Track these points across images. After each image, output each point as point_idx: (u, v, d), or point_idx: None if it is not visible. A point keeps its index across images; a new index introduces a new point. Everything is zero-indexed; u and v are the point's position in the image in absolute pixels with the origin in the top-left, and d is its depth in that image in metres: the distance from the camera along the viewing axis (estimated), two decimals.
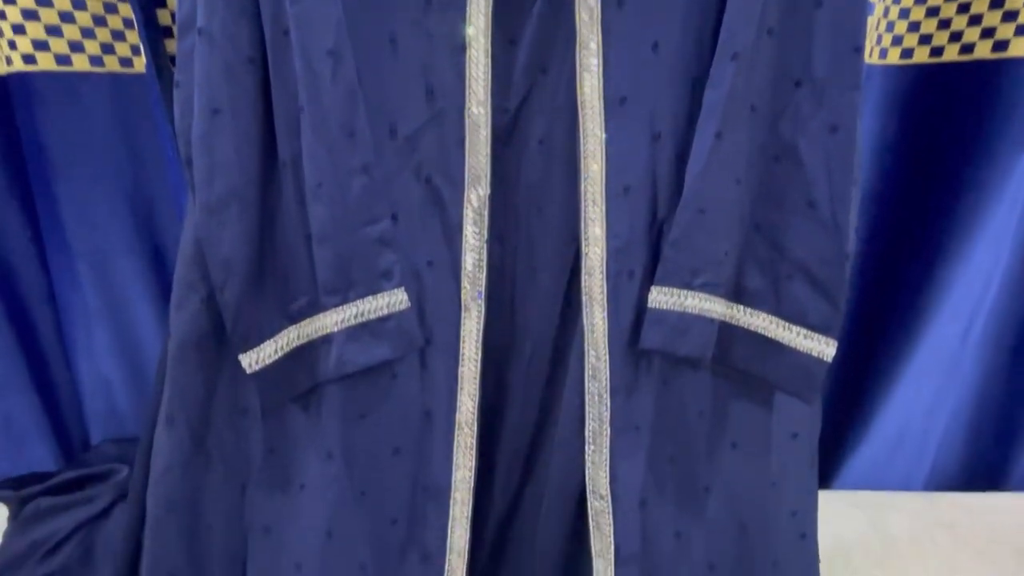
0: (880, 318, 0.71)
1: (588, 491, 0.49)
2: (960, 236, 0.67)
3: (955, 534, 0.66)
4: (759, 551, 0.50)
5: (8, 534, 0.62)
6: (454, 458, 0.50)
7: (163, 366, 0.50)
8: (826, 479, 0.74)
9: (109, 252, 0.69)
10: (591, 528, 0.49)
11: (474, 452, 0.50)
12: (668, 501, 0.50)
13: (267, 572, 0.50)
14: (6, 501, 0.65)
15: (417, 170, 0.47)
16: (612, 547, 0.50)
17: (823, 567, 0.56)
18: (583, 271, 0.48)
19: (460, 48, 0.45)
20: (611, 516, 0.50)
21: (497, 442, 0.52)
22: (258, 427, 0.50)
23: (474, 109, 0.46)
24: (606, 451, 0.49)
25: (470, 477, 0.50)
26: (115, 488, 0.65)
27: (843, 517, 0.66)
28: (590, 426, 0.49)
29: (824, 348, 0.46)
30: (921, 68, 0.66)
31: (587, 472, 0.49)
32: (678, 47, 0.45)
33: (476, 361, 0.49)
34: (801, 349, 0.46)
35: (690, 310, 0.46)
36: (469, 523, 0.51)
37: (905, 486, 0.78)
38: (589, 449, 0.49)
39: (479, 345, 0.49)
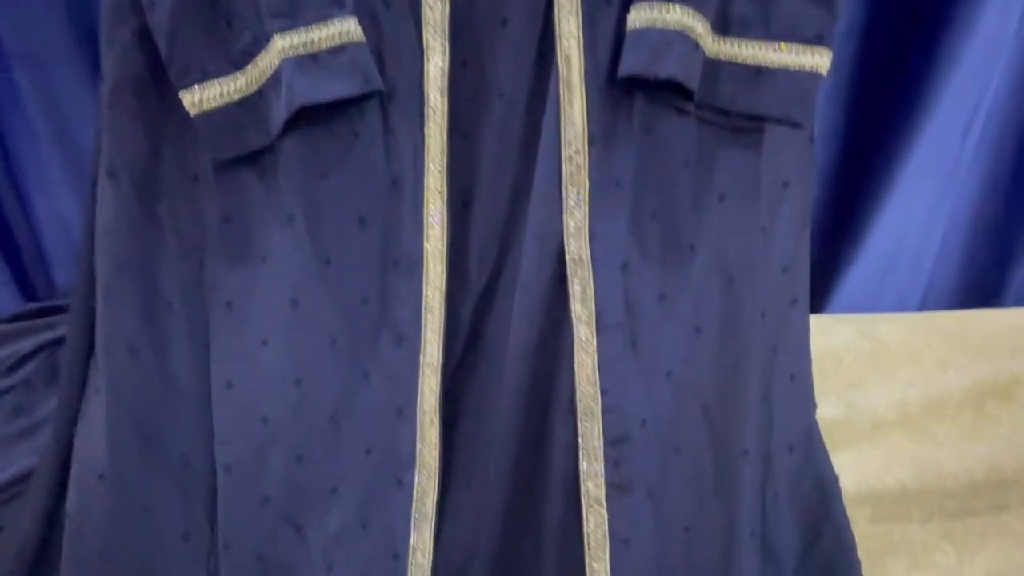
0: (876, 115, 0.67)
1: (567, 254, 0.47)
2: (957, 32, 0.62)
3: (948, 338, 0.65)
4: (747, 305, 0.47)
5: None
6: (424, 227, 0.47)
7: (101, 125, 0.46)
8: (816, 304, 0.71)
9: (51, 61, 0.64)
10: (571, 293, 0.47)
11: (445, 219, 0.47)
12: (651, 263, 0.47)
13: (231, 349, 0.48)
14: None
15: None
16: (594, 314, 0.48)
17: (813, 371, 0.55)
18: (556, 7, 0.44)
19: None
20: (592, 281, 0.47)
21: (470, 210, 0.49)
22: (212, 195, 0.47)
23: None
24: (585, 208, 0.46)
25: (443, 247, 0.47)
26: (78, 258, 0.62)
27: (833, 330, 0.64)
28: (567, 181, 0.46)
29: (819, 60, 0.43)
30: None
31: (566, 231, 0.46)
32: None
33: (442, 114, 0.46)
34: (793, 67, 0.43)
35: (672, 26, 0.42)
36: (444, 298, 0.49)
37: (899, 309, 0.77)
38: (567, 206, 0.46)
39: (444, 94, 0.46)
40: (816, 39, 0.43)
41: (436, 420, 0.49)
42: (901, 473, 0.52)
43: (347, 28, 0.42)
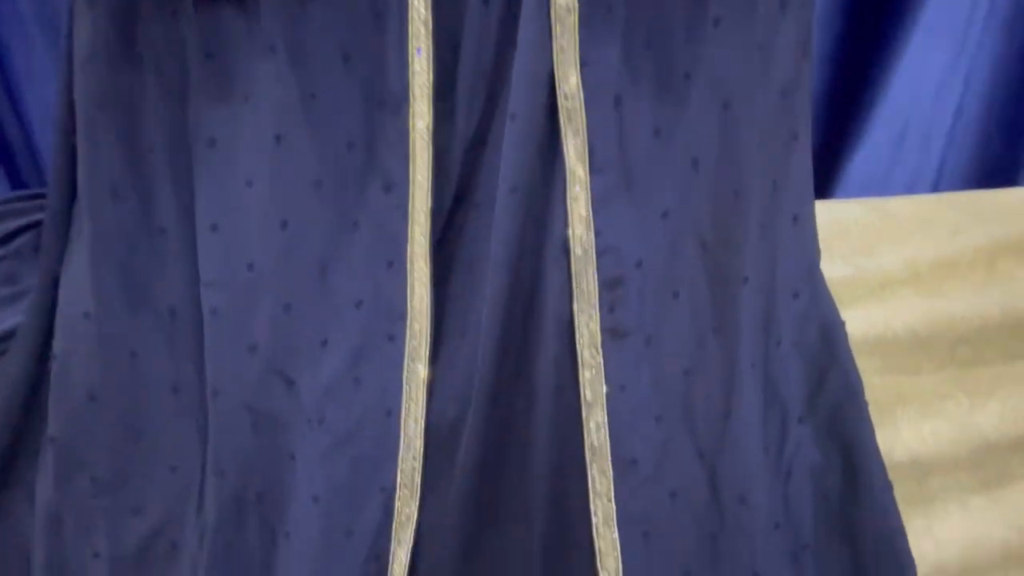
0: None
1: (557, 85, 0.45)
2: None
3: (961, 208, 0.62)
4: (744, 129, 0.45)
5: None
6: (410, 62, 0.46)
7: None
8: (821, 190, 0.69)
9: None
10: (563, 127, 0.45)
11: (430, 53, 0.45)
12: (645, 95, 0.45)
13: (216, 191, 0.47)
14: None
15: None
16: (587, 150, 0.46)
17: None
18: None
19: None
20: (583, 114, 0.45)
21: (458, 45, 0.47)
22: (193, 31, 0.45)
23: None
24: (574, 34, 0.44)
25: (428, 84, 0.45)
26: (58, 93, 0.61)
27: (839, 208, 0.62)
28: (556, 9, 0.43)
29: None
30: None
31: (556, 60, 0.44)
32: None
33: None
34: None
35: None
36: (431, 138, 0.46)
37: (910, 192, 0.74)
38: (556, 32, 0.44)
39: None
40: None
41: (427, 271, 0.48)
42: (912, 321, 0.50)
43: None
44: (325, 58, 0.46)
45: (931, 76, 0.68)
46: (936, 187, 0.74)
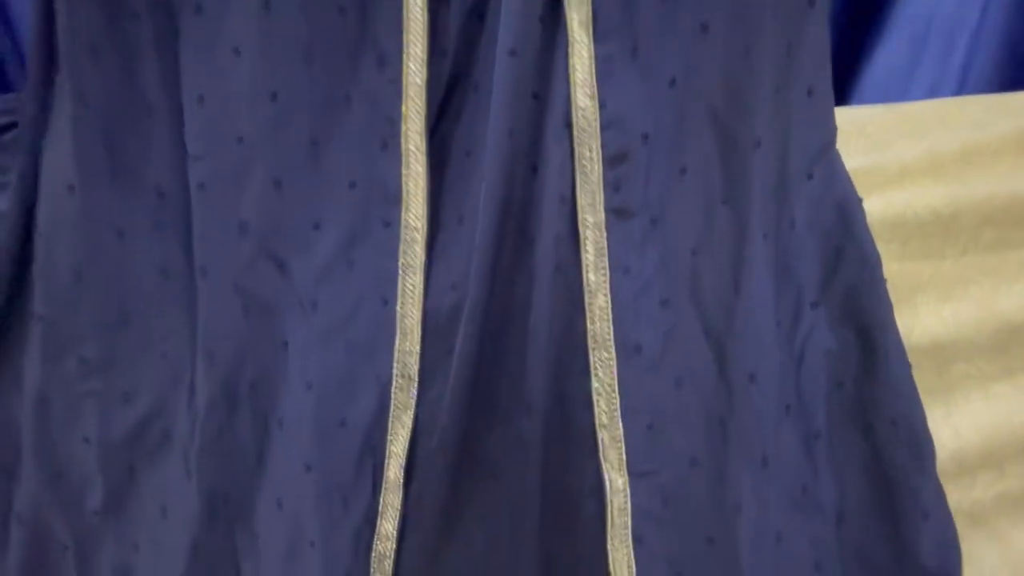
0: None
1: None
2: None
3: (988, 106, 0.59)
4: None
5: None
6: None
7: None
8: (835, 95, 0.66)
9: None
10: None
11: None
12: None
13: (202, 59, 0.44)
14: None
15: None
16: (590, 15, 0.43)
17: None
18: None
19: None
20: None
21: None
22: None
23: None
24: None
25: None
26: None
27: (854, 110, 0.59)
28: None
29: None
30: None
31: None
32: None
33: None
34: None
35: None
36: (426, 7, 0.44)
37: (931, 96, 0.71)
38: None
39: None
40: None
41: (422, 151, 0.46)
42: (934, 202, 0.47)
43: None
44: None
45: None
46: (959, 92, 0.71)
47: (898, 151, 0.52)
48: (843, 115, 0.55)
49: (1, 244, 0.44)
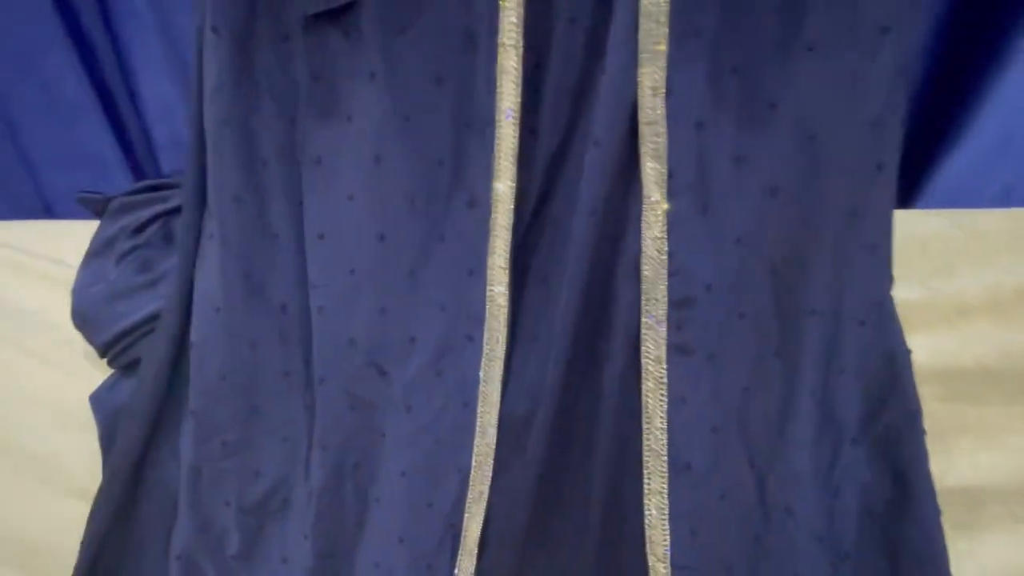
0: None
1: (640, 109, 0.46)
2: None
3: None
4: (829, 162, 0.45)
5: (100, 225, 0.69)
6: (498, 84, 0.48)
7: None
8: (902, 199, 0.64)
9: None
10: (642, 151, 0.47)
11: (519, 76, 0.48)
12: (729, 120, 0.46)
13: (322, 203, 0.52)
14: (93, 201, 0.72)
15: None
16: (665, 175, 0.48)
17: (893, 258, 0.52)
18: None
19: None
20: (665, 139, 0.47)
21: (544, 66, 0.49)
22: (301, 53, 0.50)
23: None
24: (662, 61, 0.45)
25: (516, 105, 0.48)
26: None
27: (919, 221, 0.60)
28: (645, 32, 0.45)
29: None
30: None
31: (640, 87, 0.46)
32: None
33: None
34: None
35: None
36: (515, 158, 0.50)
37: (1003, 203, 0.70)
38: (643, 57, 0.45)
39: None
40: None
41: (505, 280, 0.52)
42: (983, 354, 0.49)
43: None
44: (419, 81, 0.49)
45: None
46: None
47: (958, 282, 0.53)
48: (908, 224, 0.57)
49: (165, 357, 0.55)
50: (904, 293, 0.52)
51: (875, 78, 0.45)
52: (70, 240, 0.72)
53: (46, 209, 0.84)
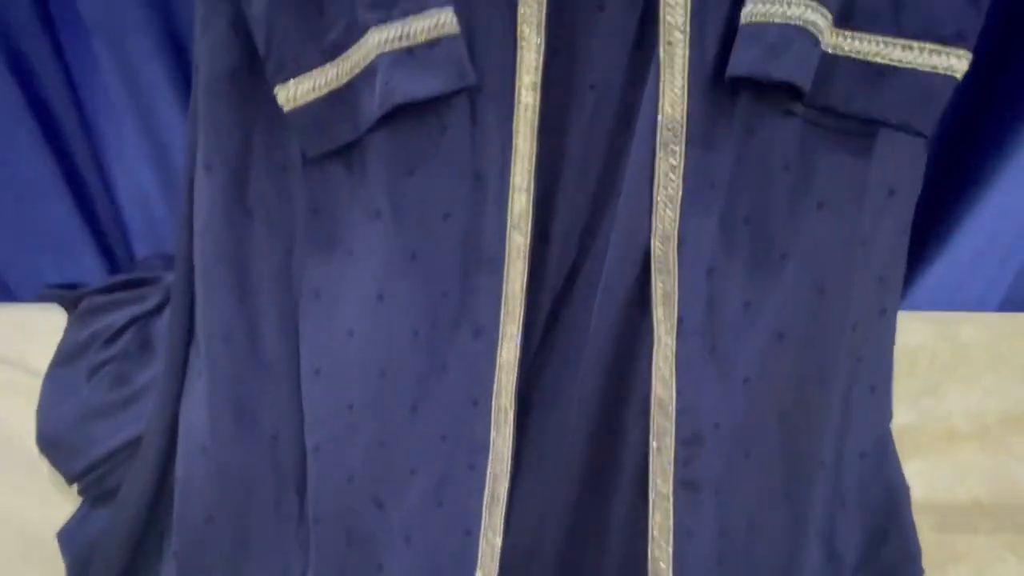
0: (982, 105, 0.62)
1: (653, 256, 0.46)
2: None
3: None
4: (837, 316, 0.46)
5: (68, 326, 0.64)
6: (508, 225, 0.47)
7: (195, 108, 0.46)
8: None
9: (127, 30, 0.63)
10: (654, 296, 0.47)
11: (530, 218, 0.47)
12: (739, 268, 0.47)
13: (320, 338, 0.50)
14: (61, 300, 0.67)
15: None
16: (675, 318, 0.48)
17: None
18: None
19: None
20: (676, 285, 0.47)
21: (555, 203, 0.49)
22: (300, 185, 0.48)
23: None
24: (676, 211, 0.45)
25: (526, 245, 0.47)
26: (164, 290, 0.66)
27: (910, 329, 0.62)
28: (660, 182, 0.45)
29: (954, 63, 0.39)
30: None
31: (653, 233, 0.46)
32: None
33: (534, 111, 0.44)
34: (923, 68, 0.40)
35: (793, 20, 0.39)
36: (524, 295, 0.49)
37: (978, 307, 0.73)
38: (657, 209, 0.45)
39: (538, 91, 0.44)
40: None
41: (511, 412, 0.51)
42: (974, 486, 0.51)
43: (444, 19, 0.41)
44: (426, 218, 0.47)
45: (1019, 205, 0.65)
46: (1006, 301, 0.73)
47: (947, 405, 0.55)
48: (898, 338, 0.58)
49: (145, 489, 0.51)
50: (898, 416, 0.54)
51: (882, 237, 0.46)
52: (32, 332, 0.66)
53: (4, 290, 0.79)
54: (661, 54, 0.43)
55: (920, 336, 0.65)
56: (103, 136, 0.71)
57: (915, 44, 0.40)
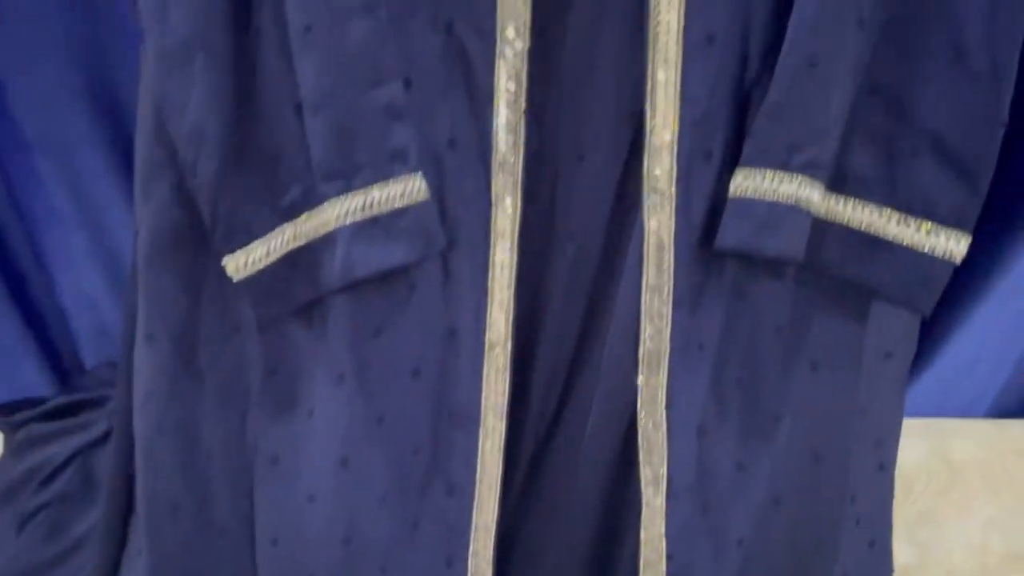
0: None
1: (639, 416, 0.43)
2: None
3: None
4: (834, 483, 0.44)
5: (2, 460, 0.59)
6: (484, 383, 0.43)
7: (135, 272, 0.42)
8: None
9: (73, 144, 0.60)
10: (641, 457, 0.43)
11: (507, 374, 0.43)
12: (731, 430, 0.43)
13: (277, 504, 0.45)
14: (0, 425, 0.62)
15: (434, 15, 0.37)
16: (664, 478, 0.45)
17: None
18: (647, 152, 0.38)
19: None
20: (665, 446, 0.43)
21: (533, 359, 0.45)
22: (255, 346, 0.43)
23: None
24: (664, 374, 0.42)
25: (503, 403, 0.43)
26: (111, 414, 0.61)
27: (902, 445, 0.61)
28: (646, 345, 0.41)
29: (954, 246, 0.37)
30: None
31: (639, 395, 0.42)
32: None
33: (511, 268, 0.41)
34: (920, 248, 0.37)
35: (784, 199, 0.36)
36: (502, 452, 0.45)
37: (967, 413, 0.72)
38: (643, 371, 0.42)
39: (514, 248, 0.41)
40: (952, 219, 0.36)
41: (489, 572, 0.47)
42: None
43: (412, 187, 0.38)
44: (394, 378, 0.43)
45: (1006, 320, 0.65)
46: (994, 405, 0.71)
47: (947, 541, 0.53)
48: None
49: None
50: (897, 554, 0.51)
51: (879, 402, 0.44)
52: None
53: None
54: (645, 212, 0.40)
55: (914, 454, 0.63)
56: (48, 242, 0.66)
57: (911, 220, 0.38)
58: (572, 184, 0.42)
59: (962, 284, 0.67)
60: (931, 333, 0.68)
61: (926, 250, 0.37)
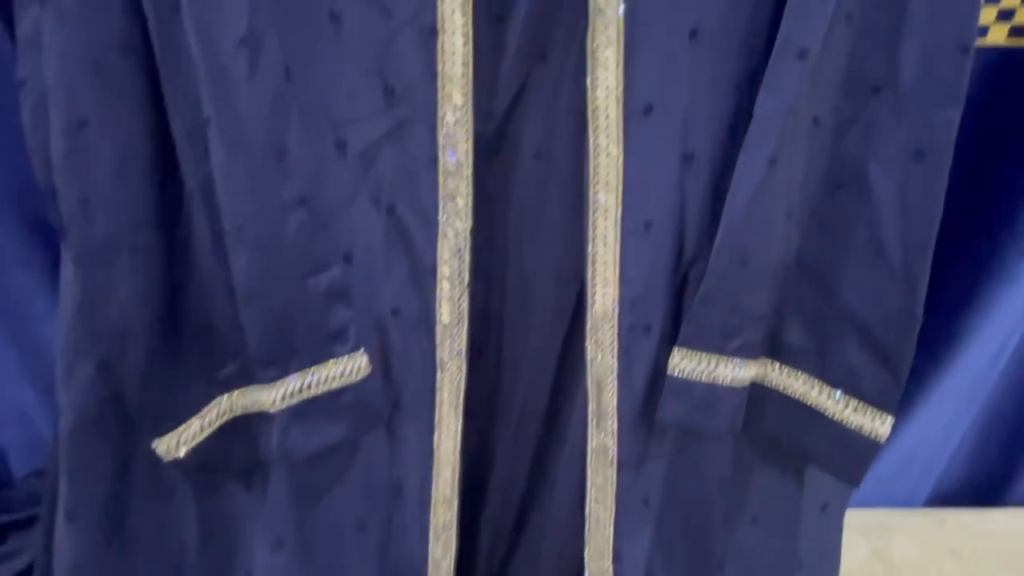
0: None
1: (587, 571, 0.44)
2: (1009, 247, 0.59)
3: (962, 560, 0.64)
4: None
5: None
6: (431, 540, 0.42)
7: (55, 452, 0.39)
8: None
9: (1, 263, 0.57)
10: None
11: (455, 531, 0.43)
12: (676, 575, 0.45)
13: None
14: None
15: (376, 196, 0.36)
16: None
17: None
18: (589, 323, 0.39)
19: (430, 31, 0.34)
20: None
21: (479, 515, 0.45)
22: (189, 510, 0.41)
23: (449, 117, 0.35)
24: (609, 530, 0.42)
25: (450, 560, 0.43)
26: (40, 538, 0.57)
27: (845, 544, 0.62)
28: (591, 504, 0.42)
29: (878, 427, 0.38)
30: None
31: (586, 551, 0.43)
32: (723, 34, 0.33)
33: (456, 429, 0.40)
34: (849, 425, 0.38)
35: (721, 381, 0.37)
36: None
37: (908, 502, 0.75)
38: (589, 528, 0.42)
39: (459, 410, 0.40)
40: (877, 400, 0.38)
41: None
42: None
43: (353, 367, 0.37)
44: (337, 534, 0.42)
45: (941, 421, 0.68)
46: (933, 493, 0.75)
47: None
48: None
49: None
50: None
51: (815, 552, 0.45)
52: None
53: None
54: (589, 378, 0.40)
55: (856, 555, 0.65)
56: None
57: (839, 396, 0.39)
58: (518, 345, 0.42)
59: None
60: None
61: (852, 427, 0.38)
